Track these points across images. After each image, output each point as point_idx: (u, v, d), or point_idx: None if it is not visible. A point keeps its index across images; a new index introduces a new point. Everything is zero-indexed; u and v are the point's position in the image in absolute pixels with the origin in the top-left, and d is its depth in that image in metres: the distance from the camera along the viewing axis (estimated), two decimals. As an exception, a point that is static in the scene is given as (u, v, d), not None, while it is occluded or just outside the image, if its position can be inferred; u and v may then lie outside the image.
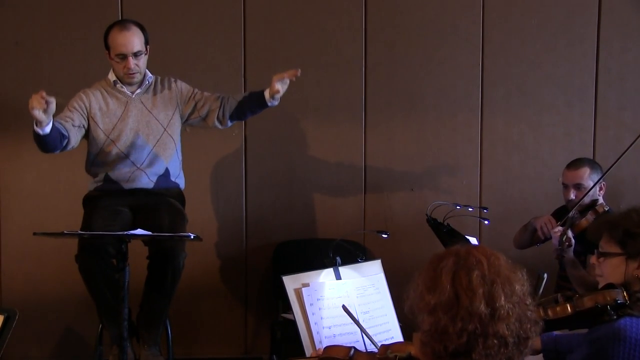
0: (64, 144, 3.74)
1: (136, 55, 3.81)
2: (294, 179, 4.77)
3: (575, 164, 4.11)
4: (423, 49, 4.75)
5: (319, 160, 4.78)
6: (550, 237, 3.98)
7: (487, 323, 1.86)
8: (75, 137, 3.81)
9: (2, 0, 4.61)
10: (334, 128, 4.76)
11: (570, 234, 3.80)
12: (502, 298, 1.88)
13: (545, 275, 3.74)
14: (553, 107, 4.80)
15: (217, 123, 4.01)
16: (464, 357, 1.87)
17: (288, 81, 3.86)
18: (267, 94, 3.89)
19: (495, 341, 1.86)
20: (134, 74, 3.85)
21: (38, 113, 3.48)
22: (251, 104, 3.97)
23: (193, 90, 4.02)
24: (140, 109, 3.92)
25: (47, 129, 3.58)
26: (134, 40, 3.80)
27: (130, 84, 3.91)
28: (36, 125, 3.56)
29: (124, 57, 3.80)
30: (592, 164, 4.11)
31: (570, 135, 4.81)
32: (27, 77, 4.62)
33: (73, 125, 3.79)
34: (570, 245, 3.78)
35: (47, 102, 3.46)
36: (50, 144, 3.68)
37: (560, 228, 3.87)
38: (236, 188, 4.75)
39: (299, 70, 3.83)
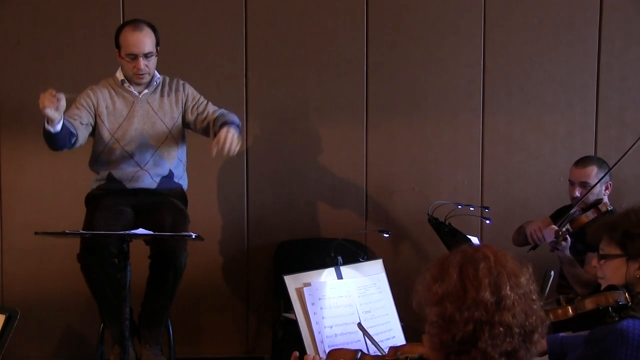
0: (73, 141, 3.75)
1: (147, 56, 3.81)
2: (296, 179, 4.77)
3: (584, 161, 4.10)
4: (424, 49, 4.75)
5: (321, 159, 4.78)
6: (541, 243, 4.01)
7: (493, 311, 1.90)
8: (83, 135, 3.82)
9: (4, -1, 4.63)
10: (336, 128, 4.77)
11: (565, 230, 3.80)
12: (508, 288, 1.92)
13: (552, 272, 3.75)
14: (554, 106, 4.80)
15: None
16: (470, 345, 1.90)
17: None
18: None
19: (501, 329, 1.90)
20: (143, 74, 3.85)
21: (50, 112, 3.49)
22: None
23: (197, 101, 3.98)
24: (146, 109, 3.92)
25: (59, 127, 3.59)
26: (146, 41, 3.80)
27: (138, 84, 3.91)
28: (47, 123, 3.56)
29: (134, 57, 3.80)
30: (601, 163, 4.09)
31: (571, 134, 4.81)
32: (29, 76, 4.62)
33: (81, 123, 3.79)
34: (565, 240, 3.77)
35: (57, 100, 3.46)
36: (60, 141, 3.68)
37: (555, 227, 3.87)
38: (238, 187, 4.76)
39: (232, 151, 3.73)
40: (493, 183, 4.82)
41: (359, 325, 2.81)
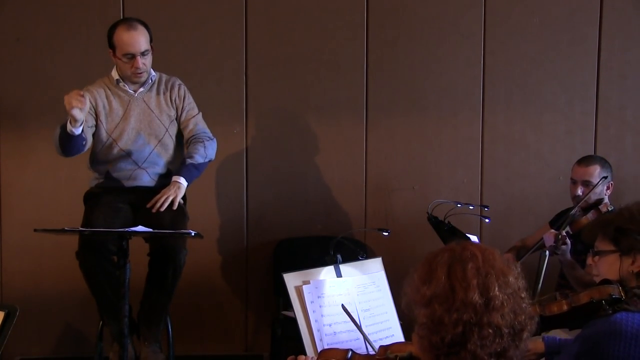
0: (84, 145, 3.76)
1: (143, 54, 3.80)
2: (295, 177, 4.77)
3: (586, 160, 4.10)
4: (424, 47, 4.75)
5: (321, 158, 4.78)
6: None
7: (482, 313, 1.89)
8: (90, 138, 3.82)
9: (4, -4, 4.62)
10: (336, 126, 4.76)
11: (564, 233, 3.80)
12: (496, 288, 1.91)
13: (547, 252, 3.75)
14: (554, 105, 4.80)
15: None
16: (459, 347, 1.90)
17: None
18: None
19: (490, 331, 1.89)
20: (141, 73, 3.84)
21: (78, 112, 3.51)
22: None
23: (185, 108, 3.97)
24: (143, 108, 3.91)
25: (81, 129, 3.62)
26: (141, 39, 3.79)
27: (136, 83, 3.90)
28: (70, 124, 3.57)
29: (132, 56, 3.79)
30: (603, 162, 4.09)
31: (571, 133, 4.81)
32: (28, 73, 4.62)
33: (88, 127, 3.78)
34: (564, 244, 3.77)
35: (84, 99, 3.49)
36: (78, 146, 3.71)
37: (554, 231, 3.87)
38: (237, 185, 4.75)
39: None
40: (492, 182, 4.82)
41: (343, 306, 2.81)
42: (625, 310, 2.46)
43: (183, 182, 3.82)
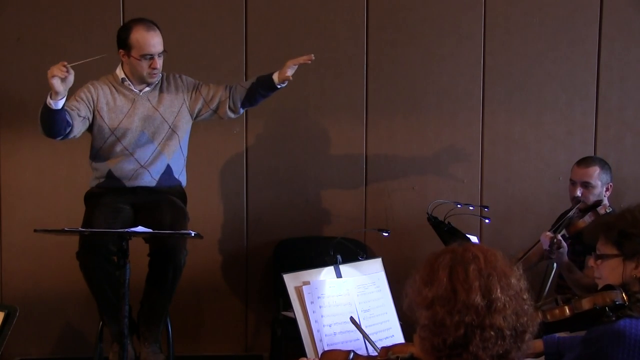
0: (67, 131, 3.71)
1: (160, 54, 3.83)
2: (295, 177, 4.77)
3: (586, 161, 4.11)
4: (424, 47, 4.75)
5: (320, 158, 4.78)
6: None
7: (484, 315, 1.89)
8: (78, 128, 3.77)
9: (4, -4, 4.62)
10: (335, 126, 4.76)
11: (560, 237, 3.79)
12: (498, 290, 1.91)
13: (555, 264, 3.74)
14: (554, 105, 4.80)
15: (229, 113, 4.01)
16: (461, 349, 1.89)
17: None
18: (276, 77, 3.87)
19: (492, 333, 1.89)
20: (157, 73, 3.86)
21: (57, 81, 3.48)
22: (261, 89, 3.94)
23: (197, 84, 4.01)
24: (147, 107, 3.91)
25: (60, 104, 3.56)
26: (160, 40, 3.83)
27: (147, 83, 3.90)
28: (50, 97, 3.53)
29: (151, 57, 3.80)
30: (603, 164, 4.09)
31: (571, 134, 4.81)
32: (29, 73, 4.61)
33: (79, 115, 3.76)
34: (559, 248, 3.77)
35: (67, 71, 3.47)
36: (57, 124, 3.63)
37: (550, 234, 3.86)
38: (237, 185, 4.75)
39: (313, 56, 3.81)
40: (492, 182, 4.82)
41: (351, 319, 2.81)
42: (629, 317, 2.45)
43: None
